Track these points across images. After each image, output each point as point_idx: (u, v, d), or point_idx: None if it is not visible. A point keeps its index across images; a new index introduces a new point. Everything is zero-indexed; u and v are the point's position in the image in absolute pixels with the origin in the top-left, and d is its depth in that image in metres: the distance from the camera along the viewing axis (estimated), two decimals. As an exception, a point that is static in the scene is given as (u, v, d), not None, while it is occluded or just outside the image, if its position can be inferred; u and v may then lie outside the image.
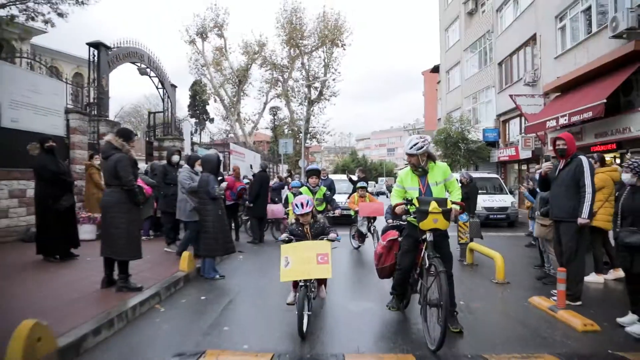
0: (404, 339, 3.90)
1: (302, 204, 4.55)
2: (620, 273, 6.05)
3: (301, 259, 4.13)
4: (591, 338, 3.89)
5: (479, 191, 11.86)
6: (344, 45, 32.90)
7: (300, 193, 6.74)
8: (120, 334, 3.87)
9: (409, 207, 4.09)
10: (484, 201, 12.97)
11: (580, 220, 4.62)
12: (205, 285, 5.63)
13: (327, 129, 35.99)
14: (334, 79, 33.44)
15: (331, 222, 5.47)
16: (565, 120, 13.30)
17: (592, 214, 4.70)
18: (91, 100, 11.23)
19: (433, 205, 3.83)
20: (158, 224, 8.90)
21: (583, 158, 4.74)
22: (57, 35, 46.80)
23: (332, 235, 4.52)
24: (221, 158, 7.21)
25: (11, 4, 9.50)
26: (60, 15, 10.10)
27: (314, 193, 7.13)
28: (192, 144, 17.99)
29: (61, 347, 3.11)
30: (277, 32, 33.11)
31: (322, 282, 4.69)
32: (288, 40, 31.73)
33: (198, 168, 6.39)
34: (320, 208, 7.27)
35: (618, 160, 12.47)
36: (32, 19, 10.33)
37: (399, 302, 4.54)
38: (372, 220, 8.57)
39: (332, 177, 13.77)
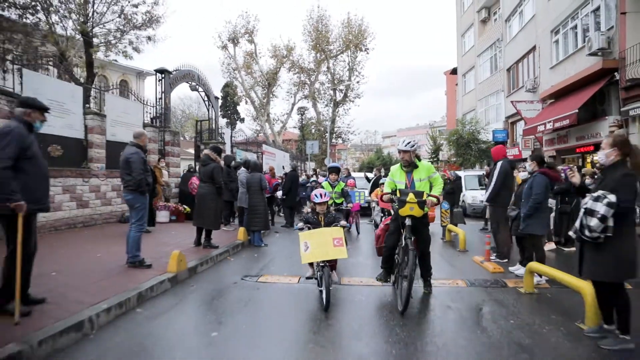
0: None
1: (321, 195, 5.33)
2: (552, 245, 8.46)
3: (319, 243, 4.72)
4: (495, 275, 6.35)
5: (480, 186, 14.17)
6: (367, 49, 34.79)
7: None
8: (212, 268, 6.64)
9: (393, 196, 4.91)
10: (481, 195, 15.21)
11: (484, 202, 7.16)
12: (255, 249, 8.36)
13: (352, 128, 38.40)
14: (357, 82, 35.50)
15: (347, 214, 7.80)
16: (551, 125, 15.46)
17: (491, 199, 7.19)
18: (157, 114, 14.21)
19: (410, 196, 4.62)
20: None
21: (500, 163, 7.18)
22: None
23: (342, 222, 5.22)
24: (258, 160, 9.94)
25: (107, 43, 12.52)
26: (136, 50, 13.07)
27: (333, 187, 8.00)
28: (232, 146, 20.91)
29: (189, 267, 5.90)
30: (304, 38, 35.44)
31: (333, 267, 5.26)
32: (314, 46, 33.90)
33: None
34: (338, 201, 8.06)
35: (595, 159, 14.57)
36: (125, 55, 13.42)
37: (386, 275, 5.22)
38: (387, 212, 10.85)
39: (354, 174, 15.91)
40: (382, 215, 9.83)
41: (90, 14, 12.14)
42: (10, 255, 3.70)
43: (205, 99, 18.11)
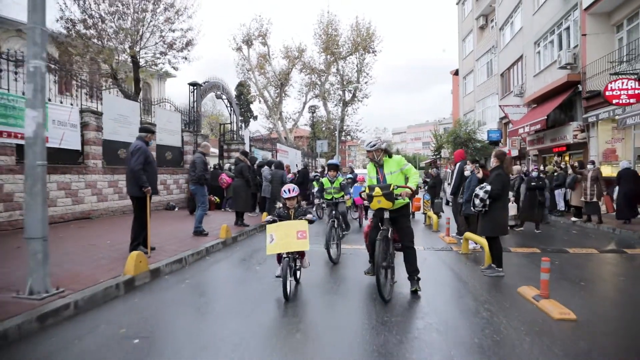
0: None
1: (289, 190, 5.40)
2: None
3: (283, 236, 4.84)
4: (449, 245, 8.84)
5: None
6: (375, 51, 36.64)
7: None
8: (247, 239, 9.29)
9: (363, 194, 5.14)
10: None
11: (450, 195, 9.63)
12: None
13: (360, 127, 40.74)
14: (366, 82, 37.49)
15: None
16: (528, 128, 17.81)
17: (452, 193, 9.67)
18: (190, 120, 16.91)
19: (376, 190, 4.83)
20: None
21: (458, 164, 9.65)
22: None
23: (309, 216, 5.26)
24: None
25: (152, 63, 15.24)
26: (175, 69, 15.75)
27: (332, 183, 8.23)
28: (250, 145, 23.57)
29: (233, 236, 8.54)
30: (314, 41, 37.43)
31: (302, 254, 5.30)
32: (325, 48, 35.87)
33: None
34: (337, 195, 8.17)
35: (567, 158, 16.95)
36: (165, 73, 16.17)
37: (373, 268, 5.20)
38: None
39: (358, 172, 18.31)
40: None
41: (137, 40, 14.80)
42: (139, 221, 6.37)
43: (228, 105, 20.79)
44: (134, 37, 14.60)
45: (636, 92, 11.47)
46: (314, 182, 13.08)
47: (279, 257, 5.10)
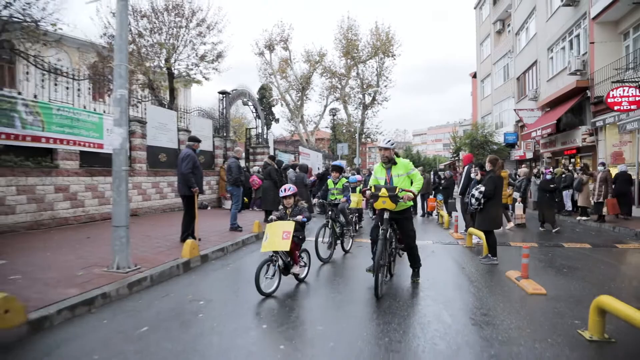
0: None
1: (285, 189, 5.66)
2: (511, 224, 11.84)
3: (272, 235, 5.11)
4: (456, 240, 9.84)
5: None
6: (394, 55, 37.26)
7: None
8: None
9: (369, 192, 5.35)
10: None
11: (458, 195, 10.61)
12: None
13: (380, 129, 41.57)
14: (385, 86, 38.21)
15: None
16: (540, 132, 18.56)
17: (460, 193, 10.64)
18: (219, 126, 18.25)
19: (383, 191, 5.05)
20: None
21: (466, 167, 10.63)
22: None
23: (298, 217, 5.45)
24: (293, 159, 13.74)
25: (185, 75, 16.65)
26: (207, 79, 17.13)
27: (335, 184, 8.27)
28: (274, 149, 24.87)
29: (263, 230, 9.76)
30: (334, 46, 38.50)
31: (296, 261, 5.51)
32: (345, 53, 36.79)
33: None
34: (339, 197, 8.15)
35: (577, 160, 17.64)
36: (197, 82, 17.67)
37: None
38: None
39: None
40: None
41: (172, 53, 16.21)
42: (188, 216, 7.62)
43: (254, 111, 22.10)
44: (170, 51, 16.01)
45: (636, 99, 12.23)
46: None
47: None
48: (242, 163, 20.83)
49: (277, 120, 49.86)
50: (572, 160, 18.54)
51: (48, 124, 9.00)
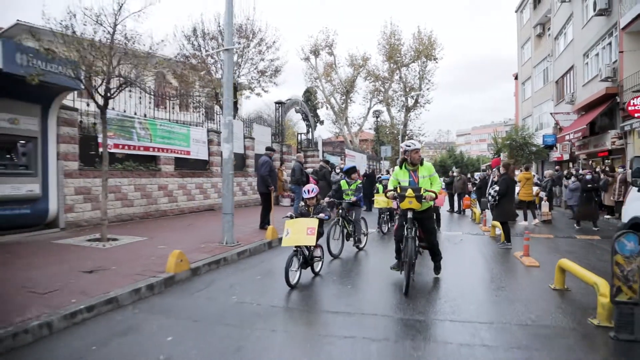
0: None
1: (309, 191, 6.09)
2: (536, 220, 13.39)
3: (296, 231, 5.48)
4: (483, 233, 11.57)
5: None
6: (436, 59, 37.88)
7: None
8: (326, 227, 12.61)
9: (395, 193, 5.62)
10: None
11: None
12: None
13: (422, 131, 42.53)
14: (428, 89, 39.03)
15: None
16: (573, 135, 19.69)
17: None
18: (276, 132, 20.61)
19: (409, 191, 5.38)
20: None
21: (494, 169, 12.32)
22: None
23: (321, 215, 5.83)
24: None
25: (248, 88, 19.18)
26: (266, 91, 19.57)
27: (349, 185, 8.49)
28: (323, 152, 27.10)
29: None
30: (377, 50, 38.35)
31: (318, 260, 6.04)
32: (388, 57, 37.74)
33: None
34: (354, 197, 8.30)
35: (607, 162, 18.70)
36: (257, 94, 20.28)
37: (400, 264, 5.89)
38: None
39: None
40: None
41: (236, 69, 18.72)
42: (266, 209, 9.87)
43: (305, 117, 24.41)
44: (234, 68, 18.52)
45: (656, 107, 13.43)
46: (379, 184, 16.13)
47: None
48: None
49: (321, 122, 51.89)
50: (607, 161, 19.56)
51: (154, 137, 11.58)
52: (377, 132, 43.50)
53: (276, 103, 20.43)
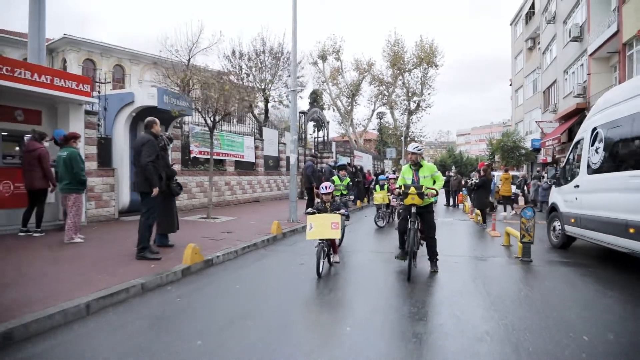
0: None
1: (326, 187, 6.64)
2: (514, 211, 17.09)
3: (319, 225, 6.01)
4: (470, 219, 15.25)
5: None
6: (437, 65, 40.97)
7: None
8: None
9: (400, 190, 6.30)
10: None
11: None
12: (362, 211, 17.89)
13: (424, 133, 45.89)
14: (429, 94, 42.26)
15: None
16: (552, 141, 23.34)
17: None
18: (299, 138, 24.23)
19: (412, 189, 6.08)
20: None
21: (475, 172, 15.98)
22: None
23: (342, 211, 6.44)
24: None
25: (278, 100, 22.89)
26: (285, 105, 23.23)
27: (341, 181, 9.69)
28: (336, 153, 30.77)
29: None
30: (382, 56, 41.45)
31: (335, 250, 6.47)
32: (392, 64, 40.84)
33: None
34: (345, 192, 9.96)
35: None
36: (285, 105, 23.93)
37: (404, 253, 6.51)
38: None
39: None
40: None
41: (268, 85, 22.43)
42: (311, 200, 13.57)
43: (321, 123, 28.10)
44: (267, 84, 22.25)
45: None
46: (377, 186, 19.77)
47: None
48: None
49: (327, 123, 55.39)
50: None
51: (222, 145, 15.29)
52: (381, 133, 46.28)
53: (300, 112, 24.12)
